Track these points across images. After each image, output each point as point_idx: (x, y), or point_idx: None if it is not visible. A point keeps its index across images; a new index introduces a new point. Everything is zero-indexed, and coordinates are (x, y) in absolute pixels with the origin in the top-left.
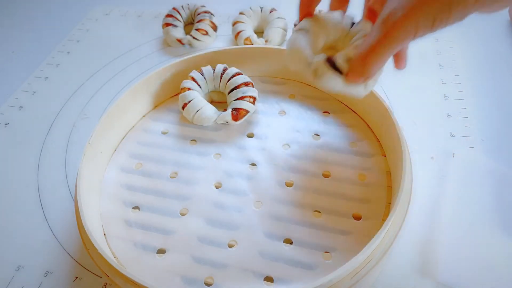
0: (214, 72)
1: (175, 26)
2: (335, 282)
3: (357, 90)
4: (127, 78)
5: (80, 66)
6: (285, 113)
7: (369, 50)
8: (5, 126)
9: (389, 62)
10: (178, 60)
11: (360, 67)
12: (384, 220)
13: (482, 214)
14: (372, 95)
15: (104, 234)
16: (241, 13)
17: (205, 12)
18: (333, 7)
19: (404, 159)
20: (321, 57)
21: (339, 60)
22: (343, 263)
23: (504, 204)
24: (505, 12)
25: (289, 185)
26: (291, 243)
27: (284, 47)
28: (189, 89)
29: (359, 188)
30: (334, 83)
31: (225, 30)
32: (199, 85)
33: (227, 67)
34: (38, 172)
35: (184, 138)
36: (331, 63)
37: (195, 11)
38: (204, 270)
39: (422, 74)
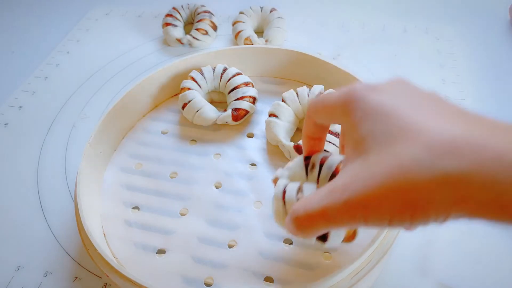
0: (214, 72)
1: (175, 26)
2: (335, 282)
3: None
4: (127, 78)
5: (80, 66)
6: None
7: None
8: (5, 126)
9: (388, 66)
10: (178, 60)
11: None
12: None
13: None
14: None
15: (104, 234)
16: (241, 13)
17: (205, 11)
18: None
19: None
20: (291, 145)
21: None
22: (343, 263)
23: None
24: (505, 12)
25: None
26: (291, 243)
27: (284, 47)
28: (189, 89)
29: None
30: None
31: (225, 30)
32: (199, 85)
33: (227, 67)
34: (38, 172)
35: (184, 138)
36: (299, 150)
37: (195, 10)
38: (204, 270)
39: (423, 74)
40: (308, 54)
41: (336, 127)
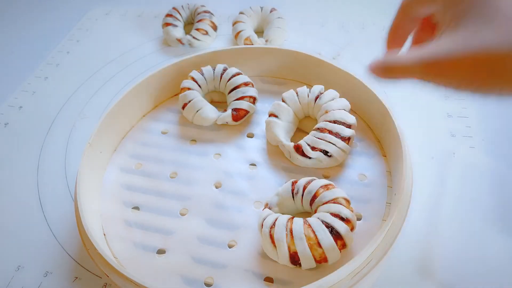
0: (214, 72)
1: (175, 25)
2: (335, 282)
3: (324, 165)
4: (127, 78)
5: (80, 66)
6: None
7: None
8: (5, 126)
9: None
10: (178, 60)
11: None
12: (384, 220)
13: (482, 214)
14: (372, 95)
15: (104, 234)
16: (241, 13)
17: (205, 11)
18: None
19: (404, 159)
20: (291, 145)
21: (306, 148)
22: (343, 263)
23: (504, 204)
24: None
25: None
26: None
27: (284, 47)
28: (189, 89)
29: (359, 188)
30: (304, 163)
31: (225, 30)
32: (199, 85)
33: (227, 67)
34: (38, 172)
35: (184, 138)
36: (299, 150)
37: (195, 10)
38: (204, 270)
39: None
40: (308, 54)
41: (336, 127)
